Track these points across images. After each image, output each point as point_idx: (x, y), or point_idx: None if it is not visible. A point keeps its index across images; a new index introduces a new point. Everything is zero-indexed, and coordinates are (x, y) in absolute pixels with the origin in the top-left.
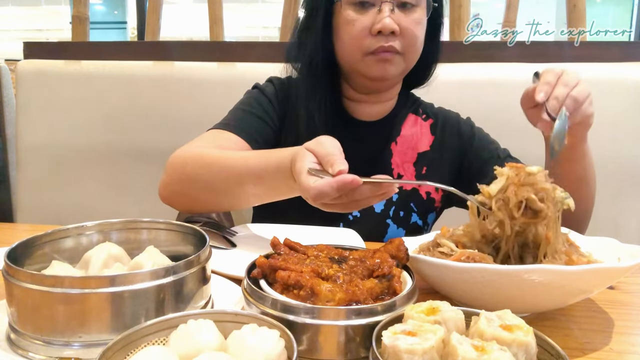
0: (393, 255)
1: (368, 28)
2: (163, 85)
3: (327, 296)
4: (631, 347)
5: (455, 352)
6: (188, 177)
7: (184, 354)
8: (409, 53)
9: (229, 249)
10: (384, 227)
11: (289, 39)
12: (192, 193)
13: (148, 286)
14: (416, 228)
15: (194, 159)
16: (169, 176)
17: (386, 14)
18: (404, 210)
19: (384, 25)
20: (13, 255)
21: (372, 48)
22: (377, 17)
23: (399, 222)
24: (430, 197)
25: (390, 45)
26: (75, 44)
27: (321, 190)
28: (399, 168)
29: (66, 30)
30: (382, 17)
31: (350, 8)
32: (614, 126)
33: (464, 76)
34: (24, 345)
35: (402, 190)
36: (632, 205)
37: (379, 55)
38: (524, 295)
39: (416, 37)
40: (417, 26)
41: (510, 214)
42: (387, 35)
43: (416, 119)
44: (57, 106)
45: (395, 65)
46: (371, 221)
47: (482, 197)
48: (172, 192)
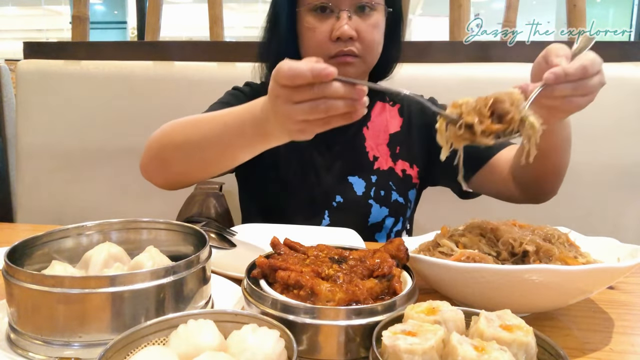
0: (393, 255)
1: (328, 34)
2: (163, 85)
3: (327, 296)
4: (631, 347)
5: (455, 352)
6: (163, 145)
7: (184, 354)
8: (367, 55)
9: (229, 249)
10: (367, 208)
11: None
12: (169, 160)
13: (148, 286)
14: (398, 206)
15: (166, 127)
16: (147, 151)
17: (344, 21)
18: (383, 189)
19: (342, 32)
20: (13, 255)
21: (332, 53)
22: (336, 23)
23: (380, 201)
24: (406, 174)
25: (349, 49)
26: (75, 44)
27: (295, 69)
28: (373, 150)
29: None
30: (341, 25)
31: (311, 15)
32: (614, 126)
33: (464, 76)
34: (24, 345)
35: (379, 171)
36: (632, 205)
37: (340, 59)
38: (524, 295)
39: (373, 41)
40: (374, 30)
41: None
42: (346, 41)
43: (384, 106)
44: (57, 106)
45: (355, 67)
46: (354, 204)
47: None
48: (150, 166)
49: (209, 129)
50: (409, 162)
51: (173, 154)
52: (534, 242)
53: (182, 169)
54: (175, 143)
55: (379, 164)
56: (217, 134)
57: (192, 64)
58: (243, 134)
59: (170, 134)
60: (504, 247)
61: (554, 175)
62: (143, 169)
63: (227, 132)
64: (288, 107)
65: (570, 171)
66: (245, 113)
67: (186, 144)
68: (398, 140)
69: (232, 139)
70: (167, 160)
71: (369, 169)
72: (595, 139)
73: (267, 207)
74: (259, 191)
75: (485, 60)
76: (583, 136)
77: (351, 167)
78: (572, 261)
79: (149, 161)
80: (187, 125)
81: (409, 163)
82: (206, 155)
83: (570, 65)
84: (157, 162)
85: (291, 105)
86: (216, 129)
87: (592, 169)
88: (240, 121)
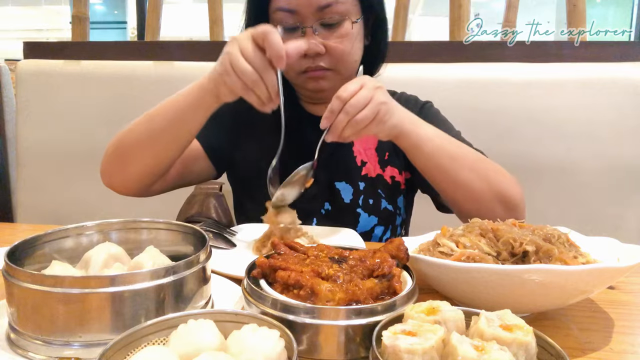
0: (393, 255)
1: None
2: (163, 85)
3: (327, 296)
4: (631, 347)
5: (455, 352)
6: (119, 145)
7: (184, 354)
8: (340, 67)
9: (229, 249)
10: (355, 217)
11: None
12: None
13: (148, 286)
14: (388, 214)
15: (120, 133)
16: (105, 155)
17: (310, 38)
18: (372, 197)
19: (308, 49)
20: (13, 255)
21: (302, 68)
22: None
23: (369, 210)
24: (395, 181)
25: (317, 65)
26: (75, 43)
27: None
28: (361, 155)
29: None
30: (307, 41)
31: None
32: (613, 126)
33: (464, 76)
34: (24, 345)
35: (368, 178)
36: (632, 205)
37: (310, 74)
38: (524, 295)
39: (343, 52)
40: (343, 41)
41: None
42: (314, 57)
43: None
44: (57, 106)
45: (327, 80)
46: (342, 213)
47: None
48: (108, 167)
49: (158, 113)
50: (398, 168)
51: (129, 150)
52: (534, 242)
53: (138, 163)
54: (130, 139)
55: (367, 169)
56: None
57: (192, 64)
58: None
59: (124, 134)
60: (504, 247)
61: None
62: (102, 174)
63: (174, 107)
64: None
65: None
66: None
67: (141, 135)
68: (387, 145)
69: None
70: (124, 158)
71: (356, 175)
72: (595, 139)
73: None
74: (247, 199)
75: (485, 60)
76: (583, 136)
77: (338, 172)
78: (572, 261)
79: (107, 165)
80: (138, 121)
81: (398, 170)
82: (157, 136)
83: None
84: (115, 163)
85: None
86: (164, 109)
87: (592, 169)
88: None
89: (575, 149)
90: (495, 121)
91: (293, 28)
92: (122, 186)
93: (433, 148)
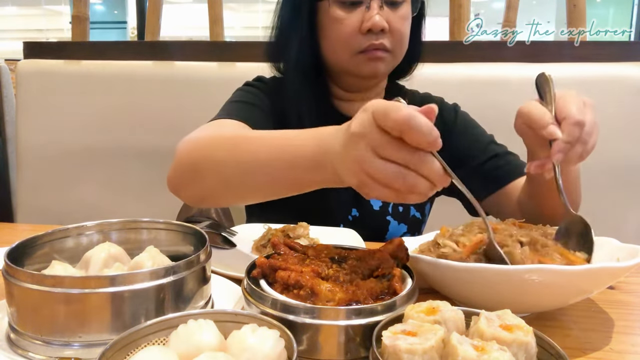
0: (393, 255)
1: (357, 26)
2: (163, 85)
3: (327, 296)
4: (631, 347)
5: (455, 352)
6: (199, 159)
7: (184, 354)
8: (398, 49)
9: (229, 249)
10: (384, 224)
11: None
12: (204, 176)
13: (148, 286)
14: (415, 221)
15: (203, 139)
16: (179, 164)
17: (375, 12)
18: (402, 205)
19: (374, 23)
20: (13, 255)
21: (362, 46)
22: (365, 14)
23: (399, 217)
24: None
25: (381, 42)
26: (75, 43)
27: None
28: None
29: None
30: (372, 15)
31: (338, 6)
32: (613, 126)
33: (464, 76)
34: (24, 345)
35: None
36: (632, 205)
37: (370, 53)
38: (524, 295)
39: (403, 34)
40: (404, 23)
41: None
42: (377, 33)
43: None
44: (57, 106)
45: (385, 62)
46: (371, 220)
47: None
48: (181, 180)
49: (260, 153)
50: None
51: (211, 173)
52: (528, 235)
53: (220, 191)
54: (213, 160)
55: None
56: (269, 160)
57: (192, 64)
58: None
59: (209, 151)
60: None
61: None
62: (172, 184)
63: (282, 160)
64: (367, 156)
65: None
66: (311, 139)
67: (230, 164)
68: None
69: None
70: (203, 178)
71: None
72: None
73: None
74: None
75: (485, 60)
76: None
77: None
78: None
79: (180, 174)
80: (232, 143)
81: None
82: (251, 182)
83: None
84: (191, 178)
85: (372, 155)
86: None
87: (592, 169)
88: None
89: None
90: (495, 121)
91: (356, 2)
92: (192, 201)
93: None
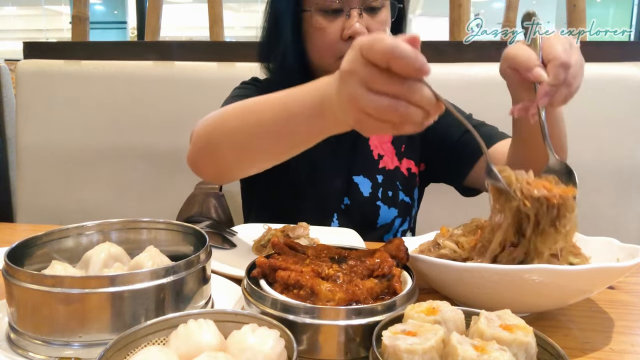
0: (393, 255)
1: (339, 34)
2: (163, 85)
3: (327, 296)
4: (631, 347)
5: (455, 352)
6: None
7: (184, 354)
8: None
9: (229, 249)
10: (375, 210)
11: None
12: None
13: (148, 286)
14: (405, 206)
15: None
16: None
17: (355, 20)
18: (391, 189)
19: (354, 31)
20: (13, 255)
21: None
22: (346, 22)
23: (388, 202)
24: (411, 173)
25: None
26: (75, 44)
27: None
28: (378, 149)
29: (66, 30)
30: (352, 24)
31: (320, 15)
32: (614, 126)
33: (464, 76)
34: (24, 345)
35: (386, 170)
36: (632, 205)
37: None
38: (524, 295)
39: None
40: (383, 27)
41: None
42: None
43: None
44: (57, 106)
45: None
46: (362, 206)
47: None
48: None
49: (265, 112)
50: (414, 160)
51: (224, 142)
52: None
53: (234, 158)
54: (226, 129)
55: (384, 162)
56: (274, 117)
57: (192, 64)
58: (302, 114)
59: (221, 121)
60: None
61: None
62: (191, 161)
63: (285, 114)
64: (360, 92)
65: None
66: (310, 90)
67: (240, 129)
68: (402, 138)
69: (290, 122)
70: (218, 148)
71: (374, 168)
72: (595, 139)
73: (273, 212)
74: (266, 196)
75: (485, 60)
76: (583, 136)
77: (356, 166)
78: (573, 261)
79: (197, 152)
80: (240, 110)
81: (414, 161)
82: (260, 143)
83: (552, 73)
84: (207, 152)
85: (364, 90)
86: (274, 111)
87: (592, 169)
88: (302, 99)
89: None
90: (495, 121)
91: (336, 10)
92: (214, 177)
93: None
